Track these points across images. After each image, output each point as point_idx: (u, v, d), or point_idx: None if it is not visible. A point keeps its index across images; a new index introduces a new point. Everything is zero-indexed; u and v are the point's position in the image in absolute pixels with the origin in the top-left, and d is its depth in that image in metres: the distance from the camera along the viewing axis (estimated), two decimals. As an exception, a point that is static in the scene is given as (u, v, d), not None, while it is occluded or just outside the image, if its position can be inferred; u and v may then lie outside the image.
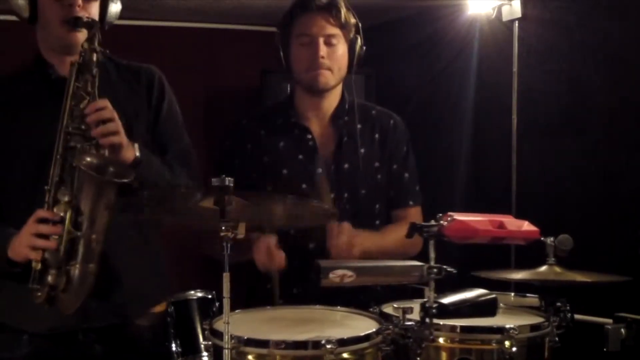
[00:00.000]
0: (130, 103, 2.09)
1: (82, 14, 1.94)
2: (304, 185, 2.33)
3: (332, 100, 2.41)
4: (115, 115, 1.88)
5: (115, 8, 2.08)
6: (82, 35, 1.96)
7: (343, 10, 2.32)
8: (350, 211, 2.34)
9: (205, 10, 3.88)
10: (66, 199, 1.83)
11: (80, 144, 1.86)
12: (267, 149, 2.38)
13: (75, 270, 1.83)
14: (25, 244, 1.83)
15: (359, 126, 2.40)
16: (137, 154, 1.94)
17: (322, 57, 2.29)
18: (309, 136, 2.38)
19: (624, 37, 2.90)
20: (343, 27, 2.33)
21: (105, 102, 1.88)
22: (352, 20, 2.35)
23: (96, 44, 1.93)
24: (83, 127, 1.86)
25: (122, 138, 1.89)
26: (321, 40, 2.29)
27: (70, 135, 1.87)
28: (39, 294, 1.83)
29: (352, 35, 2.35)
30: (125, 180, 1.83)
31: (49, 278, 1.82)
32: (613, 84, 2.96)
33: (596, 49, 3.01)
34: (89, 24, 1.94)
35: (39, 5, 1.97)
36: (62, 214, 1.82)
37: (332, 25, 2.31)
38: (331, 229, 2.22)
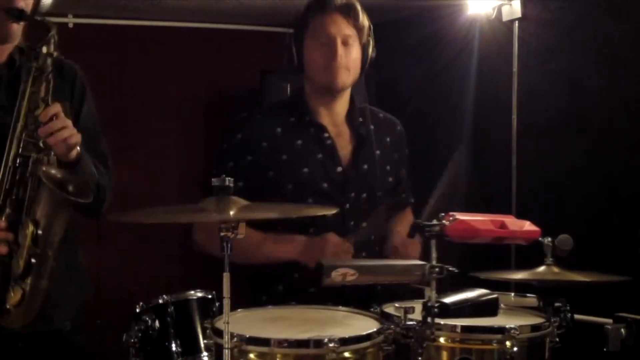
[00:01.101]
0: (61, 101, 2.01)
1: (21, 4, 1.89)
2: (324, 185, 2.33)
3: (343, 101, 2.40)
4: (67, 122, 1.85)
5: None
6: (17, 28, 1.93)
7: (360, 12, 2.32)
8: (367, 213, 2.35)
9: (205, 10, 3.88)
10: (15, 213, 1.81)
11: (35, 154, 1.84)
12: (285, 147, 2.34)
13: (30, 287, 1.82)
14: None
15: (372, 127, 2.43)
16: (79, 150, 1.92)
17: (341, 57, 2.28)
18: (326, 134, 2.36)
19: (624, 37, 2.91)
20: (359, 28, 2.32)
21: (57, 108, 1.85)
22: (367, 23, 2.35)
23: (53, 48, 1.89)
24: (36, 136, 1.83)
25: (77, 137, 1.87)
26: (339, 40, 2.28)
27: (24, 143, 1.84)
28: None
29: (365, 37, 2.34)
30: (86, 201, 1.83)
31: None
32: (613, 84, 2.96)
33: (596, 49, 3.01)
34: (46, 24, 1.89)
35: None
36: (13, 226, 1.80)
37: (349, 26, 2.30)
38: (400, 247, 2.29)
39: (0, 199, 1.83)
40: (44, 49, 1.88)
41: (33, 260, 1.81)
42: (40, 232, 1.81)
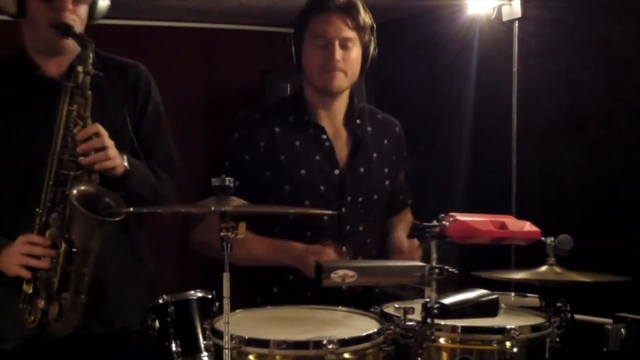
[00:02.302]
0: (119, 110, 2.06)
1: (72, 18, 1.91)
2: (321, 187, 2.29)
3: (342, 102, 2.36)
4: (107, 142, 1.87)
5: (103, 4, 2.07)
6: (70, 42, 1.94)
7: (361, 12, 2.25)
8: (363, 216, 2.34)
9: (205, 10, 3.88)
10: (58, 230, 1.84)
11: (73, 172, 1.86)
12: (283, 148, 2.30)
13: (68, 302, 1.85)
14: (16, 262, 1.85)
15: (369, 129, 2.39)
16: (127, 165, 1.94)
17: (338, 61, 2.23)
18: (324, 136, 2.32)
19: (624, 37, 2.91)
20: (360, 29, 2.26)
21: (97, 128, 1.87)
22: (369, 22, 2.28)
23: (90, 66, 1.90)
24: (75, 154, 1.86)
25: (114, 162, 1.89)
26: (337, 42, 2.23)
27: (63, 162, 1.87)
28: (32, 318, 1.85)
29: (367, 37, 2.28)
30: (118, 219, 1.85)
31: (41, 303, 1.84)
32: (613, 84, 2.96)
33: (596, 49, 3.01)
34: (83, 41, 1.91)
35: (27, 3, 1.93)
36: (52, 243, 1.84)
37: (349, 28, 2.24)
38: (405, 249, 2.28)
39: (44, 216, 1.87)
40: (80, 68, 1.89)
41: (70, 277, 1.84)
42: (74, 249, 1.84)
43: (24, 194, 1.94)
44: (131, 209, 1.87)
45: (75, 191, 1.83)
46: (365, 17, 2.27)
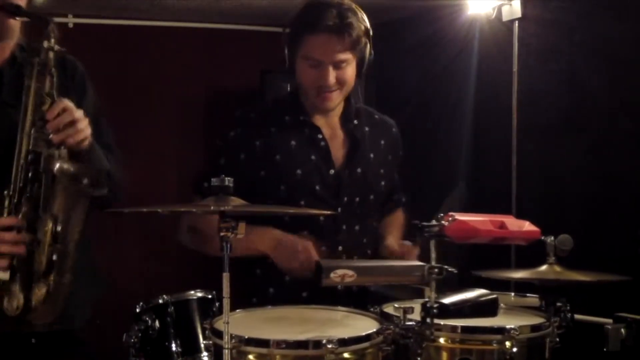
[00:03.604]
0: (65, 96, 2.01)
1: (16, 0, 1.86)
2: (317, 187, 2.28)
3: (339, 104, 2.34)
4: (76, 115, 1.84)
5: None
6: (15, 24, 1.92)
7: (355, 29, 2.15)
8: (360, 216, 2.33)
9: (205, 10, 3.88)
10: (33, 210, 1.80)
11: (46, 149, 1.82)
12: (279, 147, 2.28)
13: (54, 283, 1.82)
14: None
15: (366, 129, 2.38)
16: (91, 139, 1.91)
17: (331, 83, 2.18)
18: (320, 136, 2.31)
19: (624, 37, 2.91)
20: (354, 47, 2.17)
21: (64, 103, 1.84)
22: (364, 30, 2.20)
23: (53, 42, 1.87)
24: (45, 131, 1.82)
25: (85, 133, 1.86)
26: (330, 66, 2.17)
27: (34, 140, 1.83)
28: (15, 304, 1.79)
29: (362, 45, 2.20)
30: (102, 192, 1.83)
31: (20, 289, 1.79)
32: (613, 84, 2.96)
33: (596, 49, 3.02)
34: (42, 17, 1.88)
35: None
36: (31, 223, 1.79)
37: (342, 50, 2.16)
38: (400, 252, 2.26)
39: (16, 197, 1.82)
40: (45, 44, 1.86)
41: (55, 257, 1.81)
42: (59, 228, 1.81)
43: None
44: (126, 210, 1.86)
45: (58, 165, 1.80)
46: (360, 29, 2.18)
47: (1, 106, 1.91)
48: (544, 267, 1.98)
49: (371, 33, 2.26)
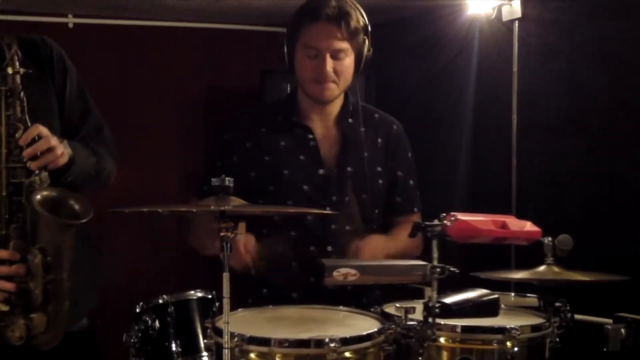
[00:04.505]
0: (42, 95, 1.98)
1: None
2: (305, 187, 2.29)
3: (336, 103, 2.36)
4: (52, 142, 1.80)
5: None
6: None
7: (353, 20, 2.21)
8: (351, 216, 2.32)
9: (205, 10, 3.88)
10: (21, 241, 1.79)
11: (25, 179, 1.79)
12: (268, 148, 2.32)
13: (53, 312, 1.81)
14: None
15: (362, 129, 2.36)
16: (70, 151, 1.88)
17: (329, 73, 2.22)
18: (310, 136, 2.33)
19: (624, 37, 2.91)
20: (352, 37, 2.22)
21: (38, 129, 1.79)
22: (361, 25, 2.25)
23: (18, 65, 1.82)
24: (22, 160, 1.79)
25: (63, 159, 1.84)
26: (328, 54, 2.21)
27: (11, 170, 1.81)
28: (17, 334, 1.78)
29: (360, 41, 2.25)
30: (85, 220, 1.80)
31: (22, 320, 1.78)
32: (613, 84, 2.96)
33: (596, 49, 3.01)
34: (4, 40, 1.82)
35: None
36: (22, 254, 1.78)
37: (340, 39, 2.21)
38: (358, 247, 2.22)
39: (3, 229, 1.81)
40: (9, 70, 1.81)
41: (49, 287, 1.80)
42: (49, 258, 1.79)
43: None
44: (126, 210, 1.86)
45: (38, 196, 1.77)
46: (358, 22, 2.24)
47: None
48: (543, 268, 1.98)
49: (369, 29, 2.29)
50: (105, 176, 2.08)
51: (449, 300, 1.69)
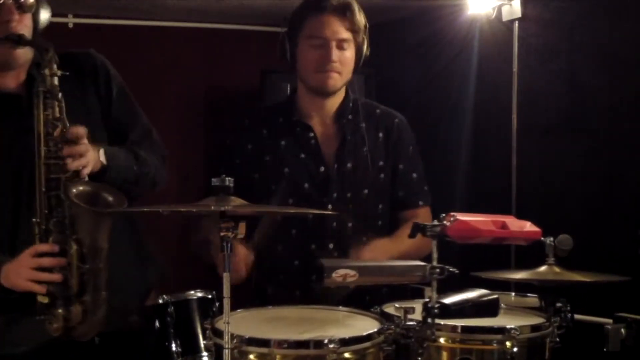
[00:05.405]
0: (82, 104, 2.05)
1: (20, 27, 1.89)
2: (306, 185, 2.32)
3: (336, 99, 2.38)
4: (88, 148, 1.86)
5: (44, 16, 2.01)
6: (23, 51, 1.93)
7: (356, 12, 2.29)
8: (353, 212, 2.33)
9: (205, 10, 3.88)
10: (61, 234, 1.83)
11: (63, 175, 1.85)
12: (269, 148, 2.35)
13: (89, 302, 1.85)
14: (26, 277, 1.83)
15: (362, 125, 2.37)
16: (104, 161, 1.95)
17: (334, 61, 2.26)
18: (311, 134, 2.35)
19: (624, 37, 2.91)
20: (355, 30, 2.29)
21: (78, 130, 1.85)
22: (363, 22, 2.31)
23: (55, 67, 1.87)
24: (60, 157, 1.85)
25: (89, 168, 1.88)
26: (334, 43, 2.26)
27: (50, 167, 1.86)
28: (55, 325, 1.84)
29: (360, 38, 2.31)
30: (121, 209, 1.86)
31: (61, 311, 1.83)
32: (613, 84, 2.96)
33: (596, 49, 3.01)
34: (42, 45, 1.88)
35: None
36: (62, 247, 1.83)
37: (345, 29, 2.27)
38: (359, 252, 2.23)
39: (43, 223, 1.86)
40: (47, 71, 1.87)
41: (85, 277, 1.84)
42: (85, 249, 1.84)
43: (15, 209, 1.94)
44: (126, 210, 1.88)
45: (74, 190, 1.83)
46: (360, 18, 2.30)
47: (22, 133, 1.93)
48: (543, 268, 1.98)
49: (368, 28, 2.33)
50: (148, 181, 2.15)
51: (448, 300, 1.69)
